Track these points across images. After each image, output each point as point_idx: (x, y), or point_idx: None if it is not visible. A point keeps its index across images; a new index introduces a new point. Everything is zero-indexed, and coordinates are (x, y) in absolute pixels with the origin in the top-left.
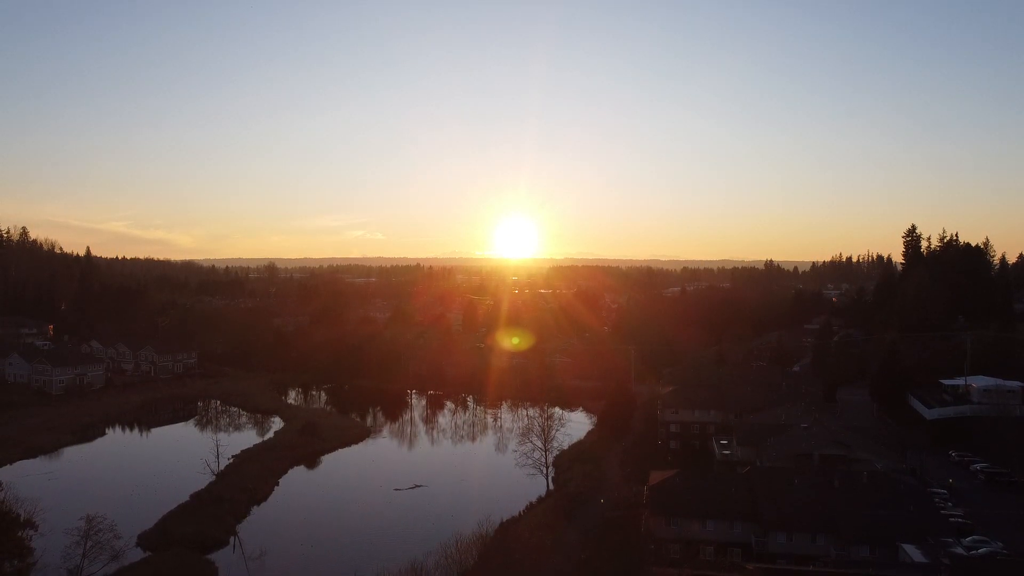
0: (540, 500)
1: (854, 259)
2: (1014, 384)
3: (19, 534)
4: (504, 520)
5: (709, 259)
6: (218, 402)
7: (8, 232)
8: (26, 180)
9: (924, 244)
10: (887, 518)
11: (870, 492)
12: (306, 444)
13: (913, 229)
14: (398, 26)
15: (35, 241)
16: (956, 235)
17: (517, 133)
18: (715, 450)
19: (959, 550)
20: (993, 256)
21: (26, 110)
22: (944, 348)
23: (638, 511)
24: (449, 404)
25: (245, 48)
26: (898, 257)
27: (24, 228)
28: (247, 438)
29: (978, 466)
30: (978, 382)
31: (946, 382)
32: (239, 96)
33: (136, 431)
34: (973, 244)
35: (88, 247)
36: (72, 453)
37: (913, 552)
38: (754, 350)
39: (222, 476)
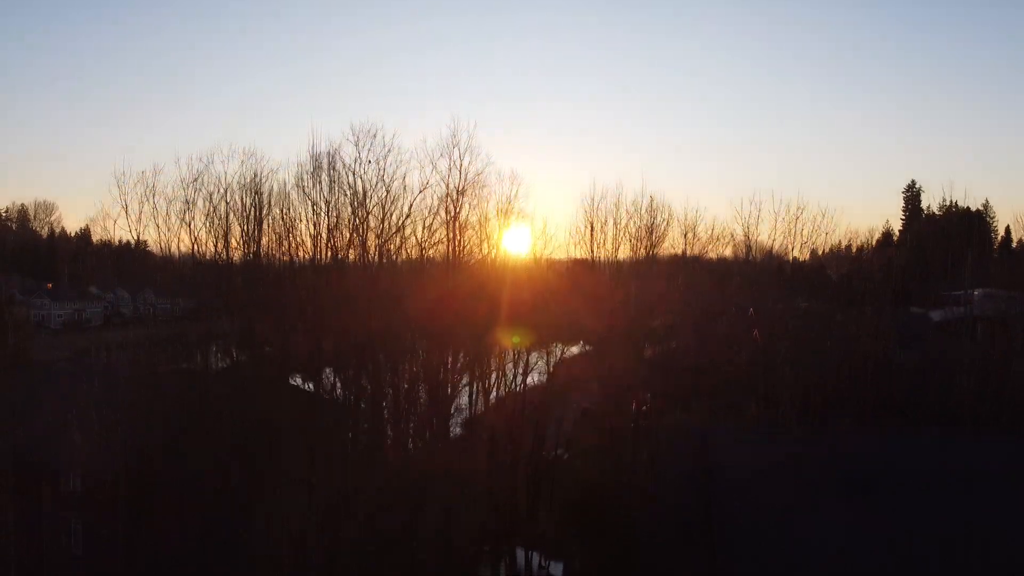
0: (540, 385)
1: (854, 248)
2: (1021, 295)
3: (13, 309)
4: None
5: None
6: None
7: (7, 210)
8: (21, 182)
9: (924, 210)
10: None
11: None
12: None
13: (913, 184)
14: (398, 26)
15: (30, 224)
16: (955, 203)
17: (516, 133)
18: None
19: None
20: (994, 219)
21: (20, 112)
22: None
23: (636, 383)
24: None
25: (245, 50)
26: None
27: (23, 204)
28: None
29: None
30: (983, 291)
31: (949, 293)
32: (237, 97)
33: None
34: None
35: (87, 224)
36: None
37: None
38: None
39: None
